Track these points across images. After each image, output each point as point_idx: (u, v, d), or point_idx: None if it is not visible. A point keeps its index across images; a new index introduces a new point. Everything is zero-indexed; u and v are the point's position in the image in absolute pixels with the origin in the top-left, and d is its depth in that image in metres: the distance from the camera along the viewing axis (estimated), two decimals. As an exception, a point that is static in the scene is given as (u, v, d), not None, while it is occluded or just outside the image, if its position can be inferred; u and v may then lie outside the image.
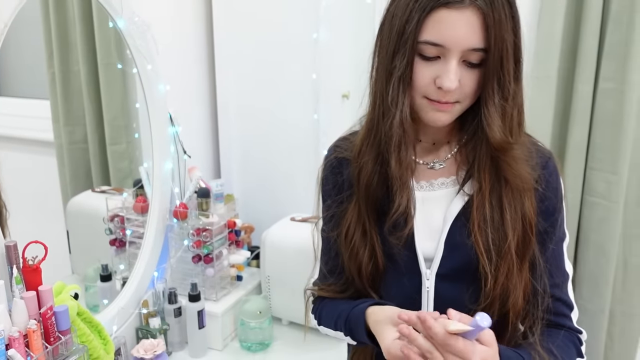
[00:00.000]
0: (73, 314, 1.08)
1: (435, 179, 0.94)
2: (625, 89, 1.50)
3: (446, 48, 0.79)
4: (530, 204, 0.89)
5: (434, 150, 0.96)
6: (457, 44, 0.79)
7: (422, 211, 0.93)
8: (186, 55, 1.76)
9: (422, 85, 0.83)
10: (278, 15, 1.70)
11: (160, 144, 1.51)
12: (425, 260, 0.92)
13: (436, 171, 0.95)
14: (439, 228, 0.91)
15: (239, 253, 1.61)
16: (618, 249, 1.62)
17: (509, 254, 0.88)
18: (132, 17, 1.36)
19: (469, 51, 0.79)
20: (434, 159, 0.95)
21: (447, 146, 0.96)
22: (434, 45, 0.80)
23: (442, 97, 0.82)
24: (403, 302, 0.93)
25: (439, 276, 0.92)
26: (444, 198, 0.93)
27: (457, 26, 0.78)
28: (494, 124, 0.83)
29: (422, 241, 0.92)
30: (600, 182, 1.59)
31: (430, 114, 0.85)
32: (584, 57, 1.54)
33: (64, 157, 1.44)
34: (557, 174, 0.94)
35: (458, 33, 0.78)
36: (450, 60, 0.80)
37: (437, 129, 0.92)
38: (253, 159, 1.85)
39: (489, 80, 0.81)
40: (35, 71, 1.42)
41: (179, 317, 1.47)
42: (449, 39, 0.78)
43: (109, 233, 1.52)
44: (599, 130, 1.58)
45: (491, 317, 0.87)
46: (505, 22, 0.79)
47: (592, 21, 1.51)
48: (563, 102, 1.63)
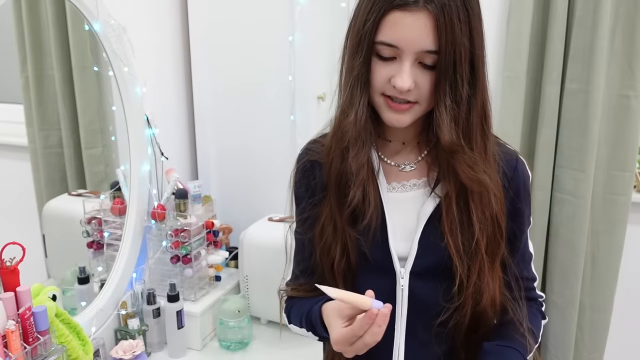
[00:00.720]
0: (51, 315, 1.08)
1: (407, 180, 0.96)
2: (590, 90, 1.56)
3: (400, 49, 0.82)
4: (500, 206, 0.91)
5: (404, 152, 0.97)
6: (410, 45, 0.81)
7: (396, 212, 0.94)
8: (162, 58, 1.76)
9: (379, 84, 0.86)
10: (254, 18, 1.72)
11: (137, 146, 1.51)
12: (399, 260, 0.94)
13: (407, 173, 0.97)
14: (412, 228, 0.93)
15: (217, 253, 1.62)
16: (586, 244, 1.68)
17: (479, 254, 0.90)
18: (108, 20, 1.36)
19: (421, 53, 0.82)
20: (405, 161, 0.97)
21: (417, 148, 0.98)
22: (389, 45, 0.82)
23: (399, 94, 0.84)
24: (378, 297, 0.93)
25: (413, 274, 0.93)
26: (417, 199, 0.94)
27: (410, 28, 0.80)
28: (444, 125, 0.85)
29: (395, 241, 0.93)
30: (569, 180, 1.65)
31: (388, 114, 0.88)
32: (551, 60, 1.59)
33: (38, 161, 1.43)
34: (526, 174, 0.97)
35: (410, 35, 0.80)
36: (404, 61, 0.82)
37: (405, 130, 0.94)
38: (230, 160, 1.87)
39: (440, 83, 0.83)
40: (8, 75, 1.40)
41: (157, 318, 1.48)
42: (401, 40, 0.81)
43: (86, 236, 1.52)
44: (566, 130, 1.63)
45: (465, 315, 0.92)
46: (458, 26, 0.81)
47: (558, 25, 1.56)
48: (532, 102, 1.68)
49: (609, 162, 1.64)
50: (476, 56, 0.84)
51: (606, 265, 1.70)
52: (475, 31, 0.84)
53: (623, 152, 1.62)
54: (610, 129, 1.62)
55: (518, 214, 0.96)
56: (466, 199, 0.90)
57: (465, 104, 0.85)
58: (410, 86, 0.83)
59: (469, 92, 0.85)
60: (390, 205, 0.94)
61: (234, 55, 1.78)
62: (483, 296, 0.92)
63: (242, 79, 1.79)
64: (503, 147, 0.97)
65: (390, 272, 0.94)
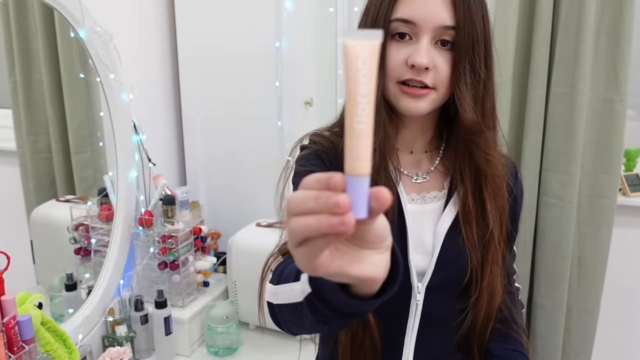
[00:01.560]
0: (37, 323, 1.08)
1: (427, 192, 0.93)
2: (575, 94, 1.57)
3: (417, 25, 0.80)
4: (504, 195, 0.91)
5: (414, 161, 0.94)
6: (428, 20, 0.79)
7: (415, 225, 0.90)
8: (150, 64, 1.76)
9: (394, 68, 0.83)
10: (241, 23, 1.72)
11: (124, 152, 1.51)
12: (417, 274, 0.90)
13: (419, 184, 0.93)
14: (430, 242, 0.90)
15: (205, 259, 1.62)
16: (573, 247, 1.68)
17: (493, 245, 0.90)
18: (94, 27, 1.36)
19: (439, 29, 0.80)
20: (417, 171, 0.94)
21: (427, 157, 0.95)
22: (405, 22, 0.81)
23: (416, 75, 0.81)
24: (391, 314, 0.91)
25: (428, 289, 0.90)
26: (436, 211, 0.92)
27: (427, 3, 0.79)
28: (466, 104, 0.83)
29: (414, 254, 0.90)
30: (555, 183, 1.66)
31: (405, 102, 0.84)
32: (537, 64, 1.60)
33: (27, 166, 1.42)
34: (520, 181, 0.98)
35: (428, 10, 0.79)
36: (422, 38, 0.80)
37: (414, 136, 0.92)
38: (218, 166, 1.87)
39: (460, 61, 0.81)
40: None
41: (145, 324, 1.47)
42: (419, 15, 0.79)
43: (74, 242, 1.51)
44: (552, 133, 1.64)
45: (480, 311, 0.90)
46: (474, 4, 0.81)
47: (543, 30, 1.57)
48: (518, 106, 1.69)
49: (594, 165, 1.65)
50: (489, 39, 0.84)
51: (593, 268, 1.71)
52: (486, 15, 0.83)
53: (608, 155, 1.63)
54: (595, 133, 1.63)
55: (516, 218, 0.98)
56: (481, 189, 0.89)
57: (482, 86, 0.84)
58: (428, 63, 0.80)
59: (485, 73, 0.84)
60: (409, 217, 0.90)
61: (221, 61, 1.78)
62: (496, 289, 0.91)
63: (230, 85, 1.79)
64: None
65: (405, 286, 0.90)
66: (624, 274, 1.81)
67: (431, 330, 0.92)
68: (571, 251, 1.68)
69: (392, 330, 0.92)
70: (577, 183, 1.64)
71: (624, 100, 1.58)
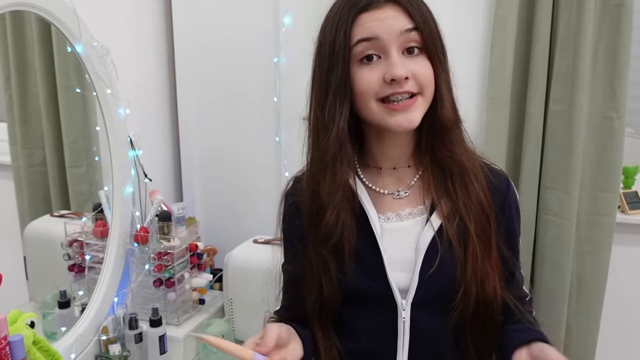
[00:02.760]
0: (29, 344, 1.06)
1: (402, 210, 0.94)
2: (573, 111, 1.56)
3: (381, 39, 0.81)
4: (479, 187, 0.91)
5: (396, 178, 0.95)
6: (389, 31, 0.81)
7: (393, 242, 0.91)
8: (147, 79, 1.76)
9: (371, 88, 0.83)
10: (239, 38, 1.72)
11: (120, 167, 1.49)
12: (400, 291, 0.90)
13: (402, 200, 0.94)
14: (411, 259, 0.90)
15: (201, 276, 1.60)
16: (572, 265, 1.67)
17: (471, 237, 0.89)
18: (91, 42, 1.35)
19: (403, 34, 0.81)
20: (399, 187, 0.94)
21: (409, 172, 0.95)
22: (369, 40, 0.81)
23: (399, 88, 0.81)
24: (379, 333, 0.93)
25: (415, 305, 0.90)
26: (414, 227, 0.92)
27: (382, 19, 0.81)
28: (446, 100, 0.86)
29: (394, 272, 0.90)
30: (554, 201, 1.64)
31: (395, 118, 0.84)
32: (535, 81, 1.60)
33: (21, 180, 1.41)
34: (515, 194, 0.97)
35: (386, 22, 0.81)
36: (391, 52, 0.81)
37: (395, 152, 0.93)
38: (215, 182, 1.85)
39: (433, 59, 0.84)
40: None
41: (140, 343, 1.45)
42: (379, 28, 0.81)
43: (68, 258, 1.49)
44: (550, 151, 1.63)
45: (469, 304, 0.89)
46: (425, 10, 0.84)
47: (541, 47, 1.57)
48: (517, 123, 1.68)
49: (593, 183, 1.64)
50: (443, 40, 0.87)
51: (592, 286, 1.69)
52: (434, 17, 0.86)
53: (607, 173, 1.62)
54: (594, 150, 1.63)
55: (512, 234, 0.97)
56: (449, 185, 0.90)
57: (450, 83, 0.88)
58: (406, 73, 0.81)
59: (447, 72, 0.88)
60: (386, 235, 0.92)
61: (219, 76, 1.77)
62: (485, 282, 0.89)
63: (227, 100, 1.78)
64: (491, 167, 0.96)
65: (390, 304, 0.91)
66: (624, 292, 1.80)
67: (422, 347, 0.92)
68: (570, 269, 1.66)
69: (384, 350, 0.93)
70: (576, 200, 1.63)
71: (622, 117, 1.58)
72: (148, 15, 1.74)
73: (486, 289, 0.90)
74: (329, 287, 0.92)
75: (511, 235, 0.97)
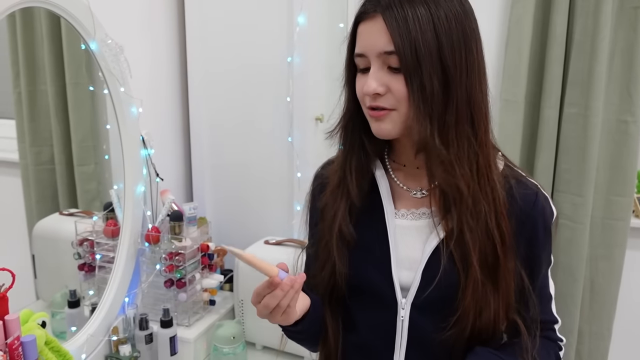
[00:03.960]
0: (41, 344, 1.05)
1: (417, 209, 0.93)
2: (589, 114, 1.55)
3: (366, 56, 0.85)
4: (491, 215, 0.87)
5: (418, 177, 0.94)
6: (370, 49, 0.84)
7: (402, 239, 0.92)
8: (159, 78, 1.75)
9: (360, 97, 0.88)
10: (252, 38, 1.71)
11: (132, 166, 1.48)
12: (401, 290, 0.91)
13: (419, 199, 0.94)
14: (418, 258, 0.90)
15: (212, 277, 1.59)
16: (585, 270, 1.65)
17: (473, 266, 0.86)
18: (105, 40, 1.34)
19: (383, 55, 0.83)
20: (417, 187, 0.94)
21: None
22: (359, 56, 0.86)
23: (372, 101, 0.85)
24: (378, 329, 0.93)
25: (414, 306, 0.90)
26: (426, 227, 0.91)
27: (369, 34, 0.84)
28: (416, 120, 0.83)
29: (399, 270, 0.91)
30: (567, 204, 1.63)
31: (372, 124, 0.88)
32: (550, 84, 1.58)
33: (29, 177, 1.41)
34: (547, 211, 0.91)
35: (369, 40, 0.84)
36: (372, 67, 0.85)
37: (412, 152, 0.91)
38: (226, 182, 1.84)
39: (409, 81, 0.82)
40: (0, 90, 1.38)
41: (150, 344, 1.44)
42: (364, 46, 0.85)
43: (78, 257, 1.48)
44: (565, 154, 1.62)
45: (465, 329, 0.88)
46: (415, 25, 0.80)
47: (557, 50, 1.56)
48: (530, 126, 1.67)
49: (607, 187, 1.63)
50: (447, 54, 0.82)
51: (605, 291, 1.68)
52: (443, 30, 0.82)
53: (622, 177, 1.61)
54: (608, 154, 1.61)
55: (534, 259, 0.92)
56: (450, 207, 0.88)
57: (437, 101, 0.82)
58: (375, 89, 0.84)
59: (441, 89, 0.82)
60: (397, 232, 0.92)
61: (232, 76, 1.76)
62: (482, 314, 0.87)
63: (240, 100, 1.77)
64: (520, 176, 0.93)
65: (390, 302, 0.91)
66: (637, 297, 1.78)
67: (419, 349, 0.92)
68: (583, 274, 1.65)
69: (381, 346, 0.94)
70: (590, 204, 1.61)
71: (638, 121, 1.56)
72: (161, 13, 1.73)
73: (483, 319, 0.88)
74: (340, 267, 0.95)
75: (532, 259, 0.92)
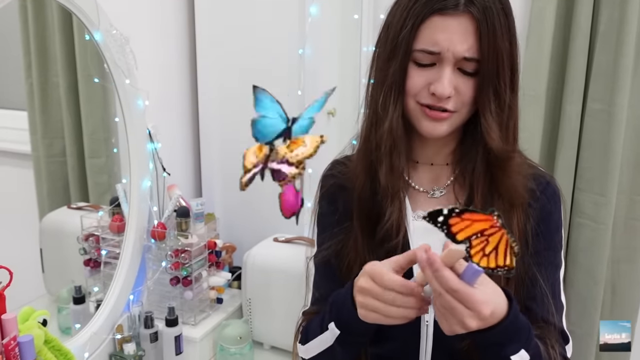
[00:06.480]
0: (39, 344, 1.02)
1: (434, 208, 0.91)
2: (614, 110, 1.49)
3: (440, 55, 0.79)
4: (518, 221, 0.87)
5: (433, 175, 0.92)
6: (450, 51, 0.78)
7: (423, 242, 0.88)
8: (167, 70, 1.72)
9: (415, 91, 0.83)
10: (263, 29, 1.67)
11: (138, 160, 1.45)
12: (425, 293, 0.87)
13: (437, 200, 0.91)
14: None
15: (219, 275, 1.56)
16: (606, 272, 1.61)
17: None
18: (110, 30, 1.31)
19: (462, 60, 0.79)
20: (434, 186, 0.91)
21: (447, 170, 0.92)
22: (429, 53, 0.80)
23: (436, 102, 0.81)
24: (400, 336, 0.90)
25: None
26: None
27: (451, 33, 0.78)
28: (492, 132, 0.82)
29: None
30: (589, 204, 1.58)
31: (425, 124, 0.84)
32: (573, 77, 1.53)
33: (41, 169, 1.41)
34: (555, 199, 0.91)
35: (451, 41, 0.78)
36: (445, 67, 0.79)
37: (436, 149, 0.90)
38: (235, 177, 1.78)
39: (484, 89, 0.80)
40: (12, 81, 1.39)
41: (155, 343, 1.41)
42: (442, 46, 0.79)
43: (83, 253, 1.46)
44: (587, 152, 1.56)
45: None
46: (499, 30, 0.78)
47: (580, 42, 1.50)
48: (551, 122, 1.62)
49: (631, 186, 1.57)
50: (515, 62, 0.82)
51: (627, 295, 1.62)
52: (514, 37, 0.81)
53: (647, 177, 1.55)
54: (633, 152, 1.55)
55: (545, 237, 0.90)
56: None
57: (507, 111, 0.82)
58: (450, 93, 0.79)
59: (511, 98, 0.82)
60: (416, 234, 0.89)
61: (242, 68, 1.72)
62: None
63: (250, 93, 1.72)
64: (535, 169, 0.92)
65: None
66: (661, 301, 1.72)
67: (445, 354, 0.88)
68: (604, 276, 1.60)
69: (407, 354, 0.91)
70: (613, 204, 1.56)
71: (665, 117, 1.50)
72: (169, 3, 1.70)
73: None
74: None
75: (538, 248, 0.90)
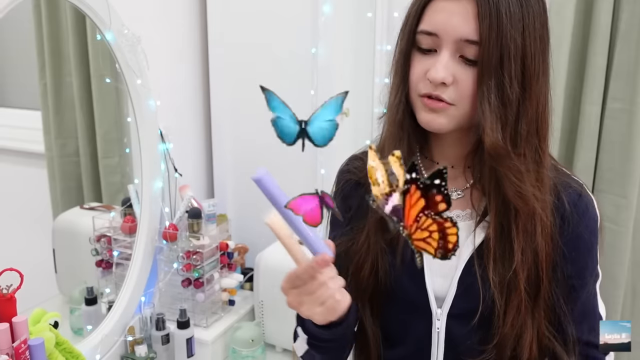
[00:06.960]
0: (50, 346, 1.01)
1: (450, 212, 0.88)
2: (635, 110, 1.46)
3: (439, 37, 0.77)
4: (544, 240, 0.82)
5: (452, 176, 0.89)
6: (448, 32, 0.76)
7: None
8: (179, 70, 1.71)
9: (415, 80, 0.81)
10: (276, 29, 1.66)
11: (150, 161, 1.44)
12: (435, 299, 0.86)
13: (454, 201, 0.87)
14: (452, 265, 0.85)
15: (231, 277, 1.54)
16: (627, 276, 1.57)
17: (518, 290, 0.81)
18: (122, 30, 1.30)
19: (462, 43, 0.76)
20: (452, 187, 0.89)
21: (467, 173, 0.89)
22: (428, 34, 0.78)
23: (433, 89, 0.78)
24: (412, 342, 0.88)
25: (450, 316, 0.86)
26: (465, 232, 0.85)
27: (450, 14, 0.76)
28: (486, 123, 0.76)
29: (433, 278, 0.86)
30: (609, 206, 1.54)
31: (423, 114, 0.81)
32: (592, 77, 1.49)
33: (54, 169, 1.41)
34: (588, 215, 0.88)
35: (450, 21, 0.76)
36: (442, 51, 0.77)
37: (454, 149, 0.87)
38: (248, 178, 1.77)
39: (484, 77, 0.76)
40: (27, 81, 1.40)
41: (166, 345, 1.40)
42: (440, 26, 0.77)
43: (95, 254, 1.46)
44: (607, 152, 1.53)
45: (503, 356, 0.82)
46: (507, 17, 0.74)
47: (600, 40, 1.46)
48: (570, 122, 1.58)
49: (653, 187, 1.53)
50: (529, 57, 0.76)
51: (648, 299, 1.59)
52: (530, 30, 0.76)
53: (669, 178, 1.51)
54: (655, 153, 1.51)
55: (578, 264, 0.87)
56: (509, 225, 0.81)
57: (514, 107, 0.77)
58: (444, 78, 0.76)
59: (520, 94, 0.77)
60: None
61: (254, 68, 1.71)
62: (522, 337, 0.83)
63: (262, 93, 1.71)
64: (565, 175, 0.88)
65: (425, 312, 0.86)
66: (683, 306, 1.68)
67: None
68: (625, 280, 1.56)
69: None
70: (634, 206, 1.52)
71: (687, 117, 1.46)
72: (181, 2, 1.69)
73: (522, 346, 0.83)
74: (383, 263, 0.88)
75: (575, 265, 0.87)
